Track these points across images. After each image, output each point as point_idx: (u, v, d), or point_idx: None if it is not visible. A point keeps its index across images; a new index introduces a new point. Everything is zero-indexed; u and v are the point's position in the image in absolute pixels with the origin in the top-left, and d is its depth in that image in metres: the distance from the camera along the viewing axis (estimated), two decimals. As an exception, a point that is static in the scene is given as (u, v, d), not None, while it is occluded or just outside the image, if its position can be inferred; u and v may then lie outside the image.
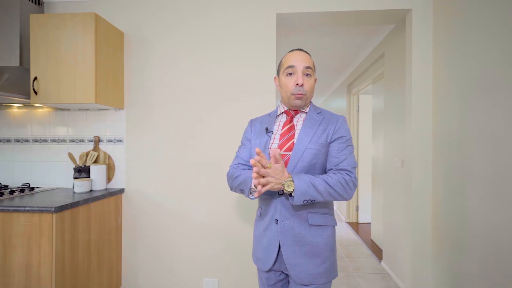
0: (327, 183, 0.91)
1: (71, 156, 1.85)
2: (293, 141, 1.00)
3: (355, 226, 3.86)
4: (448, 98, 1.58)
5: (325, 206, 1.01)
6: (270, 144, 1.03)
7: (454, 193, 1.52)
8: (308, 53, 1.05)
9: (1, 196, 1.59)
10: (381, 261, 2.67)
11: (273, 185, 0.88)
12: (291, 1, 1.85)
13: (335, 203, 4.86)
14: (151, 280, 1.94)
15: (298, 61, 1.00)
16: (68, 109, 1.97)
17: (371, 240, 3.29)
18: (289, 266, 0.95)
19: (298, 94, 0.98)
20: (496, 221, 1.21)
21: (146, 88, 1.95)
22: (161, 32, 1.93)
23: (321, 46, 3.02)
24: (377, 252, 2.92)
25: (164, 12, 1.93)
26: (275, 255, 0.98)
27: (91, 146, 1.96)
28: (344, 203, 4.22)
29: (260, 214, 1.07)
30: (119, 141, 1.96)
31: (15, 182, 2.02)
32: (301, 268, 0.95)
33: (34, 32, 1.68)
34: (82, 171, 1.81)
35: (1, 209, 1.39)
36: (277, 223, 0.98)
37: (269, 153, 0.98)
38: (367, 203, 3.92)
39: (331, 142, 0.99)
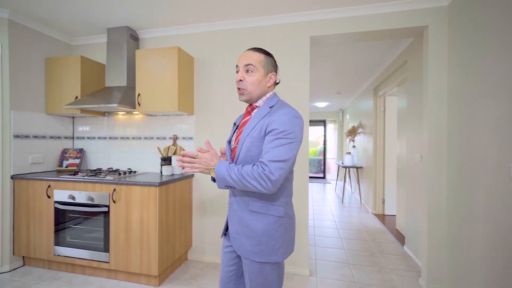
0: (241, 173, 0.97)
1: (159, 149, 2.55)
2: (240, 135, 1.12)
3: (381, 217, 4.21)
4: (461, 100, 1.88)
5: (267, 197, 1.06)
6: (233, 139, 1.17)
7: (466, 184, 1.80)
8: (258, 51, 1.10)
9: (119, 175, 2.33)
10: (403, 246, 3.04)
11: (202, 170, 1.04)
12: (323, 25, 2.34)
13: (363, 196, 5.21)
14: (212, 243, 2.57)
15: (241, 60, 1.09)
16: (155, 115, 2.69)
17: (396, 229, 3.64)
18: (232, 240, 1.11)
19: (238, 89, 1.10)
20: (501, 206, 1.45)
21: (209, 98, 2.59)
22: (220, 56, 2.56)
23: (348, 55, 3.47)
24: (401, 239, 3.28)
25: (221, 43, 2.56)
26: (225, 229, 1.21)
27: (171, 142, 2.66)
28: (370, 196, 4.58)
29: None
30: (190, 138, 2.62)
31: (120, 167, 2.80)
32: (240, 244, 1.08)
33: (138, 62, 2.40)
34: (166, 160, 2.50)
35: (125, 183, 2.10)
36: (229, 204, 1.16)
37: (230, 148, 1.16)
38: (392, 196, 4.25)
39: (266, 134, 1.02)
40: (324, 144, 8.93)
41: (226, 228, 1.20)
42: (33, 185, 2.34)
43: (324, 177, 8.85)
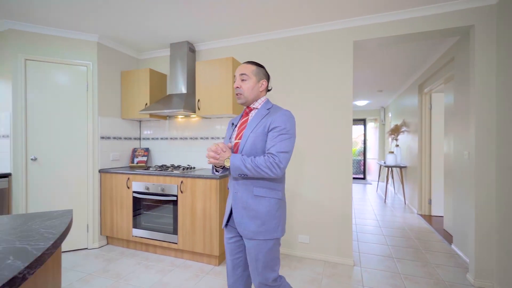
0: (255, 163, 1.17)
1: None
2: (243, 132, 1.32)
3: (428, 218, 4.11)
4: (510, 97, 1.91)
5: (269, 184, 1.26)
6: (233, 135, 1.37)
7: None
8: (250, 63, 1.34)
9: (183, 170, 2.72)
10: (451, 244, 3.00)
11: (218, 160, 1.22)
12: (366, 30, 2.48)
13: (407, 197, 5.09)
14: (262, 233, 2.83)
15: (237, 71, 1.34)
16: (210, 118, 3.05)
17: (443, 229, 3.56)
18: (237, 225, 1.27)
19: (236, 94, 1.34)
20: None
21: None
22: (269, 63, 2.82)
23: (390, 53, 3.50)
24: (448, 238, 3.22)
25: (270, 50, 2.82)
26: (226, 220, 1.35)
27: (222, 141, 2.99)
28: (415, 196, 4.48)
29: (228, 187, 1.41)
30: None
31: (181, 164, 3.22)
32: (245, 227, 1.24)
33: (198, 73, 2.77)
34: (221, 157, 2.83)
35: (190, 176, 2.47)
36: (231, 192, 1.33)
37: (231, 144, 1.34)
38: (440, 196, 4.12)
39: (269, 131, 1.23)
40: (364, 143, 8.74)
41: (228, 219, 1.35)
42: (115, 177, 2.84)
43: (364, 178, 8.66)
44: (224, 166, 1.27)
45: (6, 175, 2.52)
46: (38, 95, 2.64)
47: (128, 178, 2.77)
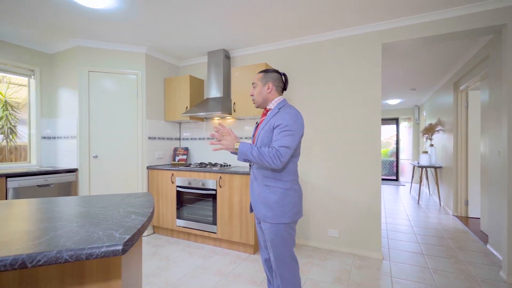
0: (260, 152, 1.34)
1: (248, 147, 3.14)
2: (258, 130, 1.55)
3: (464, 219, 3.98)
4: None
5: (277, 175, 1.44)
6: (254, 132, 1.61)
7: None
8: (259, 72, 1.56)
9: (221, 167, 2.99)
10: (486, 244, 2.94)
11: (227, 146, 1.41)
12: (394, 33, 2.56)
13: (442, 198, 4.94)
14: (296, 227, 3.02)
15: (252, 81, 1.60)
16: (244, 119, 3.30)
17: (480, 231, 3.45)
18: (253, 208, 1.52)
19: (252, 100, 1.60)
20: None
21: (293, 104, 3.05)
22: (300, 67, 3.00)
23: (422, 52, 3.49)
24: (484, 239, 3.14)
25: (300, 55, 2.99)
26: (251, 206, 1.58)
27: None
28: (451, 197, 4.35)
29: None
30: (273, 137, 3.13)
31: (217, 161, 3.52)
32: (259, 210, 1.47)
33: (233, 78, 3.03)
34: (255, 155, 3.06)
35: (228, 172, 2.73)
36: (251, 182, 1.57)
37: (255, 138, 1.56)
38: (477, 197, 3.98)
39: (274, 128, 1.41)
40: (397, 144, 8.49)
41: (250, 205, 1.59)
42: (161, 173, 3.20)
43: (397, 179, 8.41)
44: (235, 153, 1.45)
45: (74, 170, 2.98)
46: (98, 102, 3.08)
47: (172, 174, 3.11)
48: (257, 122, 1.66)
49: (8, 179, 2.43)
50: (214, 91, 3.28)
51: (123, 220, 0.90)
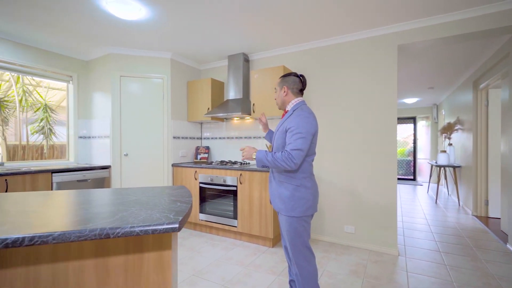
0: (274, 157, 1.49)
1: (266, 146, 3.28)
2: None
3: (484, 219, 3.94)
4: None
5: (289, 173, 1.58)
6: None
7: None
8: (279, 78, 1.76)
9: (241, 165, 3.16)
10: (506, 244, 2.94)
11: (247, 156, 1.62)
12: (410, 34, 2.62)
13: (462, 198, 4.88)
14: (312, 222, 3.14)
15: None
16: (262, 119, 3.45)
17: (501, 231, 3.42)
18: (272, 202, 1.69)
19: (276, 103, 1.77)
20: None
21: (311, 104, 3.17)
22: (316, 69, 3.12)
23: (440, 51, 3.50)
24: (504, 238, 3.13)
25: (317, 57, 3.11)
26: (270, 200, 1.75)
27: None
28: (470, 196, 4.31)
29: None
30: (290, 137, 3.27)
31: (237, 159, 3.69)
32: (275, 203, 1.64)
33: (252, 80, 3.20)
34: (273, 154, 3.21)
35: (248, 170, 2.89)
36: (269, 180, 1.75)
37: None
38: (497, 198, 3.93)
39: (287, 131, 1.53)
40: (414, 143, 8.35)
41: (270, 198, 1.76)
42: (185, 170, 3.42)
43: (414, 179, 8.29)
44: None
45: (107, 167, 3.25)
46: (128, 104, 3.34)
47: (196, 171, 3.32)
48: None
49: (53, 174, 2.71)
50: (234, 93, 3.46)
51: (171, 206, 1.08)
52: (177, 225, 0.87)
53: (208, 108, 3.56)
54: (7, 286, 0.90)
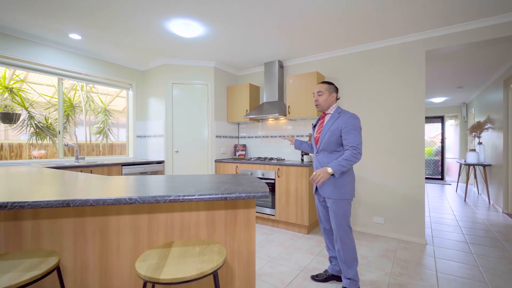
0: (345, 159, 1.78)
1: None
2: (322, 129, 1.98)
3: (515, 216, 4.01)
4: None
5: None
6: (314, 132, 2.06)
7: None
8: (323, 83, 1.98)
9: (277, 160, 3.53)
10: (535, 238, 3.05)
11: (321, 177, 1.78)
12: (438, 40, 2.85)
13: (492, 196, 4.90)
14: (341, 214, 3.44)
15: (315, 90, 2.00)
16: (296, 120, 3.80)
17: (532, 227, 3.51)
18: (320, 190, 1.96)
19: (316, 105, 2.00)
20: None
21: (342, 107, 3.47)
22: (346, 73, 3.41)
23: (468, 53, 3.65)
24: (534, 233, 3.23)
25: (347, 63, 3.40)
26: (315, 188, 2.03)
27: (307, 138, 3.71)
28: (501, 194, 4.36)
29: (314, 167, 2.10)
30: (322, 135, 3.58)
31: (272, 156, 4.07)
32: (324, 191, 1.93)
33: (288, 85, 3.56)
34: (304, 153, 3.54)
35: (285, 164, 3.26)
36: (317, 169, 1.98)
37: (313, 138, 2.05)
38: (529, 195, 3.98)
39: (342, 130, 1.84)
40: (442, 142, 8.27)
41: (315, 187, 2.03)
42: (227, 166, 3.85)
43: (442, 179, 8.21)
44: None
45: (161, 162, 3.75)
46: (179, 107, 3.83)
47: (237, 166, 3.74)
48: (313, 124, 2.14)
49: (123, 167, 3.24)
50: (269, 96, 3.84)
51: (253, 184, 1.46)
52: (267, 193, 1.25)
53: (247, 110, 3.97)
54: (156, 226, 1.33)
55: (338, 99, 2.04)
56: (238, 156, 4.25)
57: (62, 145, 3.37)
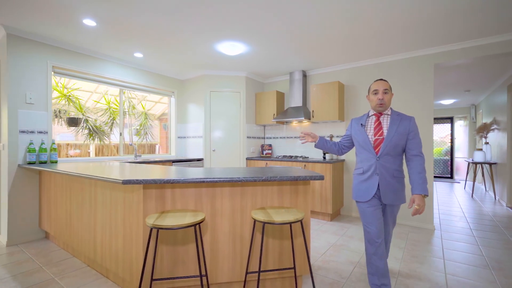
0: (421, 174, 1.72)
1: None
2: (382, 131, 1.81)
3: (517, 209, 4.43)
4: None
5: (401, 168, 1.84)
6: (367, 133, 1.87)
7: None
8: (387, 81, 1.91)
9: (303, 158, 4.07)
10: (532, 226, 3.49)
11: (423, 206, 1.68)
12: (446, 55, 3.32)
13: (498, 192, 5.30)
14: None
15: (380, 86, 1.83)
16: (318, 123, 4.32)
17: (531, 217, 3.93)
18: (382, 196, 1.81)
19: (380, 104, 1.82)
20: None
21: (354, 109, 3.99)
22: (362, 82, 3.92)
23: (475, 63, 4.11)
24: (532, 222, 3.67)
25: (363, 74, 3.91)
26: (372, 194, 1.82)
27: (328, 139, 4.23)
28: (505, 190, 4.78)
29: (363, 172, 1.88)
30: (339, 136, 4.10)
31: (296, 155, 4.60)
32: (387, 196, 1.81)
33: (312, 93, 4.09)
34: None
35: (311, 161, 3.78)
36: (377, 175, 1.81)
37: (370, 140, 1.85)
38: (530, 190, 4.39)
39: (409, 134, 1.78)
40: (451, 142, 8.63)
41: (373, 194, 1.82)
42: (257, 163, 4.40)
43: (451, 177, 8.57)
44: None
45: (201, 159, 4.33)
46: (215, 112, 4.40)
47: (266, 163, 4.28)
48: (361, 124, 1.93)
49: (173, 163, 3.83)
50: (294, 102, 4.37)
51: (305, 172, 2.01)
52: (323, 177, 1.79)
53: (274, 114, 4.51)
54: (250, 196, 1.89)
55: None
56: (265, 154, 4.80)
57: (122, 144, 3.98)
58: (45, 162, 2.98)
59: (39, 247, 2.78)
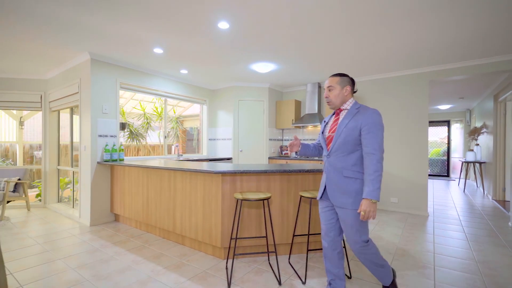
0: (374, 176, 1.49)
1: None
2: (336, 127, 1.67)
3: (502, 203, 5.15)
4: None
5: (355, 168, 1.61)
6: (326, 130, 1.76)
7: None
8: (334, 75, 1.69)
9: (319, 157, 4.81)
10: (508, 212, 4.22)
11: (374, 211, 1.48)
12: (441, 73, 4.05)
13: (486, 187, 6.04)
14: (366, 196, 4.69)
15: (325, 84, 1.72)
16: (331, 127, 5.06)
17: None
18: (330, 197, 1.67)
19: (327, 102, 1.72)
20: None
21: (363, 117, 4.72)
22: (368, 93, 4.66)
23: (465, 78, 4.85)
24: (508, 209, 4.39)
25: (368, 87, 4.65)
26: (321, 193, 1.76)
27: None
28: (491, 186, 5.52)
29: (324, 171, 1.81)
30: (351, 139, 4.84)
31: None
32: (336, 199, 1.64)
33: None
34: (340, 150, 4.81)
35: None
36: (325, 173, 1.73)
37: (324, 136, 1.75)
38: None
39: (362, 128, 1.55)
40: (448, 144, 9.36)
41: (322, 193, 1.75)
42: (278, 161, 5.14)
43: (447, 176, 9.30)
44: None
45: (230, 158, 5.08)
46: (242, 118, 5.14)
47: (286, 162, 5.02)
48: (325, 121, 1.84)
49: (209, 161, 4.57)
50: (310, 109, 5.11)
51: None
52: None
53: (292, 120, 5.25)
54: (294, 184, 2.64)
55: (355, 92, 1.73)
56: (284, 154, 5.54)
57: (166, 145, 4.73)
58: (115, 160, 3.73)
59: (115, 227, 3.53)
